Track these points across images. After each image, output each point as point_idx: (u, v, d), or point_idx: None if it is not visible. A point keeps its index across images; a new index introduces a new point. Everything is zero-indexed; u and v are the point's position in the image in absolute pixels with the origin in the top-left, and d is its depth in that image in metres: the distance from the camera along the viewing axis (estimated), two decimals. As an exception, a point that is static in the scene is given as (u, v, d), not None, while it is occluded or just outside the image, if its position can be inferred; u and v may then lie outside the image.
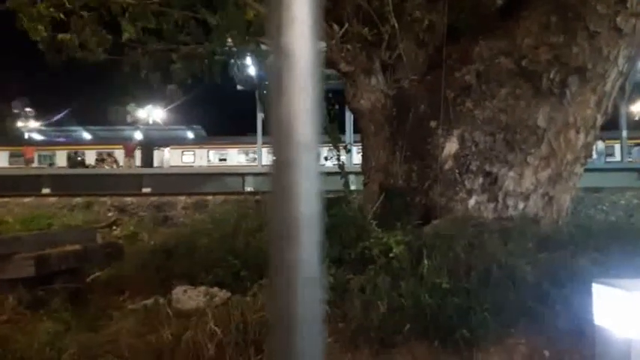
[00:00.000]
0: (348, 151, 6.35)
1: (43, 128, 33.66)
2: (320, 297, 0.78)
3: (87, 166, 27.22)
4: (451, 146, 4.87)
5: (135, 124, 29.79)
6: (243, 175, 19.11)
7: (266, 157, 32.94)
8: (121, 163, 29.13)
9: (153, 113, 30.76)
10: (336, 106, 5.57)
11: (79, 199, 11.48)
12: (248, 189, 16.97)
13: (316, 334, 0.77)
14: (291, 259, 0.74)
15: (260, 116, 20.70)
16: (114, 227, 9.15)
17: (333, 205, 4.79)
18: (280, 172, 0.76)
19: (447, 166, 4.86)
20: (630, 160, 21.98)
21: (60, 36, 5.54)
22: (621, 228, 5.27)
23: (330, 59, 5.42)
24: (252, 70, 16.48)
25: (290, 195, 0.75)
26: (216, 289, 4.11)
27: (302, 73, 0.76)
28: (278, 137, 0.77)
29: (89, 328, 3.75)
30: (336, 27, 5.26)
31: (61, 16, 5.55)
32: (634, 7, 4.33)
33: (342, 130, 19.10)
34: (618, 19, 4.36)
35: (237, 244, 4.70)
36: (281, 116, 0.76)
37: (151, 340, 3.47)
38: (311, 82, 0.77)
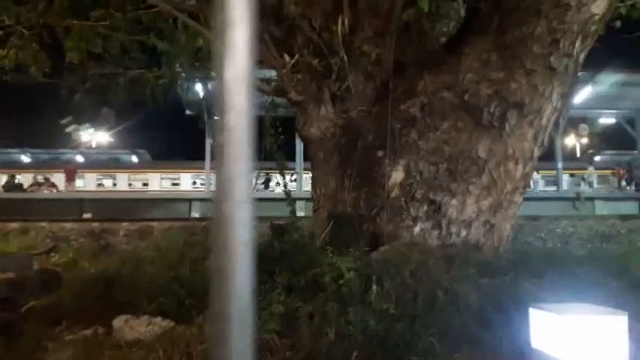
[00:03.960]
0: (294, 180, 6.54)
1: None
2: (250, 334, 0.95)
3: (24, 190, 25.93)
4: (397, 175, 4.99)
5: (77, 147, 28.79)
6: (190, 200, 18.77)
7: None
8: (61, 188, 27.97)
9: (96, 136, 29.88)
10: (282, 137, 5.69)
11: (14, 225, 10.92)
12: (194, 214, 16.69)
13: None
14: (227, 295, 0.93)
15: (209, 141, 20.43)
16: (52, 254, 8.75)
17: (284, 231, 4.78)
18: (220, 225, 0.94)
19: (393, 194, 4.96)
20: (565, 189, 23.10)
21: None
22: (558, 254, 5.51)
23: (280, 88, 5.49)
24: (199, 95, 16.35)
25: (227, 245, 0.94)
26: (159, 318, 3.98)
27: (239, 144, 0.95)
28: (218, 196, 0.95)
29: (22, 362, 3.55)
30: (287, 57, 5.35)
31: None
32: (566, 47, 4.63)
33: (292, 158, 19.19)
34: (552, 58, 4.63)
35: (182, 272, 4.59)
36: (222, 179, 0.95)
37: (89, 372, 3.32)
38: (247, 151, 0.96)
